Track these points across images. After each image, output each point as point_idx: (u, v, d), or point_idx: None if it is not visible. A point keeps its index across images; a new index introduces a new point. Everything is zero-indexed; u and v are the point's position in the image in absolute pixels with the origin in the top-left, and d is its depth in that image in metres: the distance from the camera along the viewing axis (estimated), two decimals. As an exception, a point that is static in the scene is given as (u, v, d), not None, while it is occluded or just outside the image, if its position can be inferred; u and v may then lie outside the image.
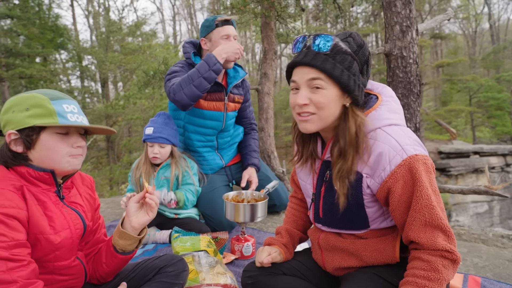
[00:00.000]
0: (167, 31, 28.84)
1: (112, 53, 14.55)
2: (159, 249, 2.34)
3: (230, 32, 2.47)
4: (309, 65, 1.18)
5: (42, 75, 12.34)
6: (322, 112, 1.20)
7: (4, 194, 1.09)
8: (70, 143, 1.22)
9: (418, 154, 1.15)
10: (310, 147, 1.38)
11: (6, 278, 1.03)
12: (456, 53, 26.63)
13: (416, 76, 2.65)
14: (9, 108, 1.19)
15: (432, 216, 1.12)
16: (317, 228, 1.50)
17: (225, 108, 2.65)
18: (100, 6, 18.46)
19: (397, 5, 2.56)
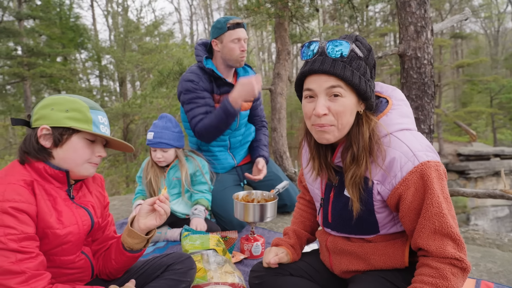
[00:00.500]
0: (184, 31, 29.12)
1: (130, 53, 14.76)
2: (170, 247, 2.38)
3: (241, 35, 2.51)
4: (329, 73, 1.13)
5: (62, 74, 12.64)
6: (341, 122, 1.17)
7: (15, 189, 1.13)
8: (94, 151, 1.31)
9: (430, 161, 1.13)
10: (324, 155, 1.33)
11: (15, 268, 1.07)
12: (477, 53, 26.01)
13: (431, 77, 2.61)
14: (48, 105, 1.25)
15: (442, 224, 1.11)
16: (325, 231, 1.49)
17: None
18: (119, 6, 18.78)
19: (411, 5, 2.53)
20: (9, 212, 1.09)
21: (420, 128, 2.64)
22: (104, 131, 1.32)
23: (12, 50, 12.47)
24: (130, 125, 15.07)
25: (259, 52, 25.09)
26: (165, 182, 2.51)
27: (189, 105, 2.54)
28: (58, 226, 1.22)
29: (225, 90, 2.62)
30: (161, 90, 5.33)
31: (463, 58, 25.64)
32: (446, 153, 18.14)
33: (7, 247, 1.07)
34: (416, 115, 2.65)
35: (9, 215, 1.09)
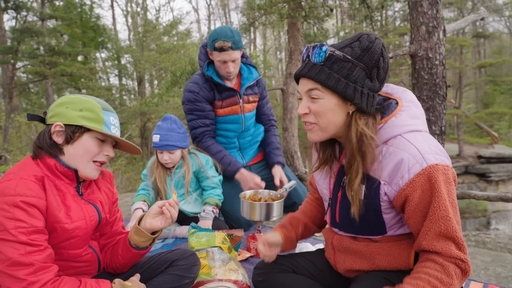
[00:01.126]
0: (202, 30, 29.34)
1: (148, 52, 14.99)
2: (178, 244, 2.42)
3: (226, 58, 2.49)
4: (306, 77, 1.21)
5: (81, 73, 12.94)
6: (321, 121, 1.22)
7: (26, 184, 1.19)
8: (102, 150, 1.36)
9: (438, 164, 1.12)
10: (328, 151, 1.39)
11: (24, 260, 1.12)
12: (501, 52, 25.29)
13: (442, 78, 2.57)
14: (63, 103, 1.32)
15: (448, 228, 1.11)
16: (332, 229, 1.50)
17: (241, 111, 2.71)
18: (138, 6, 19.08)
19: (423, 5, 2.50)
20: (20, 206, 1.14)
21: (431, 129, 2.61)
22: (114, 132, 1.36)
23: (35, 49, 12.85)
24: (147, 124, 15.30)
25: (276, 51, 25.06)
26: (172, 183, 2.55)
27: (189, 115, 2.67)
28: (67, 220, 1.27)
29: (227, 95, 2.65)
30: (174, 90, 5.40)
31: (485, 58, 24.97)
32: (466, 155, 17.74)
33: (17, 239, 1.13)
34: (427, 116, 2.62)
35: (20, 209, 1.14)
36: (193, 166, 2.56)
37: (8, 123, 11.66)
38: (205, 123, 2.67)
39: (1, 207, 1.14)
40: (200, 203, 2.60)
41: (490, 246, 2.43)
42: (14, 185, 1.16)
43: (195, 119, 2.66)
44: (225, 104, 2.67)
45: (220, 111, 2.69)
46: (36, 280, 1.13)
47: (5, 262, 1.12)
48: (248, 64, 2.77)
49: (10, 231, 1.12)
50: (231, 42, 2.43)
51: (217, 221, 2.49)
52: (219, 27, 2.52)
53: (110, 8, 22.12)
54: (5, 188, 1.16)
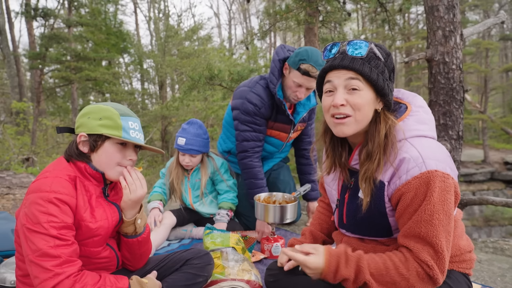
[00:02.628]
0: (222, 35, 29.66)
1: (170, 57, 15.28)
2: (194, 244, 2.49)
3: (304, 83, 2.30)
4: (348, 68, 1.20)
5: (105, 78, 13.32)
6: (358, 114, 1.22)
7: (61, 182, 1.28)
8: (125, 155, 1.43)
9: (438, 170, 1.13)
10: (340, 154, 1.39)
11: (52, 252, 1.21)
12: (529, 55, 24.47)
13: (460, 82, 2.55)
14: (86, 114, 1.41)
15: (428, 232, 1.12)
16: (340, 231, 1.53)
17: (287, 139, 2.68)
18: (160, 12, 19.48)
19: (439, 9, 2.49)
20: (53, 202, 1.24)
21: (448, 134, 2.59)
22: (135, 136, 1.43)
23: (62, 55, 13.31)
24: (168, 127, 15.56)
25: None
26: (189, 184, 2.62)
27: (243, 125, 2.50)
28: (91, 220, 1.36)
29: (282, 120, 2.53)
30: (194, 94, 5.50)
31: (512, 61, 24.20)
32: (492, 161, 17.19)
33: (48, 232, 1.21)
34: (444, 121, 2.60)
35: (53, 205, 1.24)
36: (209, 168, 2.62)
37: (35, 126, 12.10)
38: (259, 138, 2.52)
39: (36, 201, 1.23)
40: (215, 204, 2.66)
41: (509, 253, 2.38)
42: (50, 182, 1.26)
43: (249, 131, 2.50)
44: (275, 127, 2.56)
45: (269, 131, 2.59)
46: (61, 272, 1.21)
47: (35, 253, 1.21)
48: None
49: (43, 224, 1.21)
50: (318, 70, 2.22)
51: (233, 223, 2.55)
52: (311, 49, 2.27)
53: (133, 13, 22.64)
54: (41, 185, 1.26)
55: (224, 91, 4.56)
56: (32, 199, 1.24)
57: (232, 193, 2.62)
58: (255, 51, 15.76)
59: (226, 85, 3.83)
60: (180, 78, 16.31)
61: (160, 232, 2.38)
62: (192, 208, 2.63)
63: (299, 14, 3.49)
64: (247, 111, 2.45)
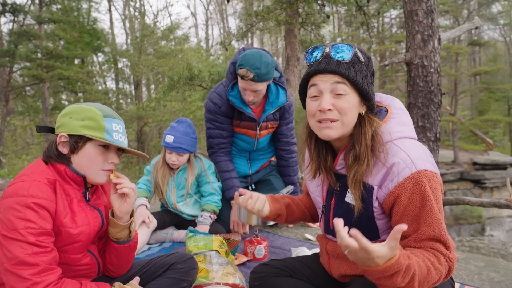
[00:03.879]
0: (199, 35, 29.43)
1: (146, 56, 15.01)
2: (175, 247, 2.44)
3: (246, 87, 2.36)
4: (334, 73, 1.20)
5: (79, 77, 12.94)
6: (345, 118, 1.21)
7: (39, 186, 1.21)
8: (107, 158, 1.36)
9: (427, 170, 1.16)
10: (325, 158, 1.38)
11: (30, 260, 1.14)
12: (496, 60, 25.54)
13: (437, 85, 2.62)
14: (67, 114, 1.34)
15: (440, 231, 1.14)
16: (326, 236, 1.52)
17: (256, 137, 2.69)
18: (136, 11, 19.12)
19: (419, 14, 2.55)
20: (31, 207, 1.17)
21: (426, 136, 2.65)
22: (118, 138, 1.36)
23: (32, 52, 12.84)
24: (144, 128, 15.29)
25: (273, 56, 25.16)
26: (174, 183, 2.57)
27: (208, 123, 2.67)
28: (72, 225, 1.29)
29: (245, 117, 2.58)
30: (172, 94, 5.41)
31: (480, 66, 25.20)
32: (461, 161, 17.82)
33: (26, 239, 1.15)
34: (422, 123, 2.66)
35: (31, 210, 1.17)
36: (196, 169, 2.59)
37: (3, 126, 11.61)
38: (222, 135, 2.65)
39: (13, 206, 1.16)
40: (199, 206, 2.62)
41: (484, 251, 2.46)
42: (27, 186, 1.19)
43: (213, 129, 2.65)
44: (241, 125, 2.64)
45: (236, 128, 2.69)
46: (40, 281, 1.15)
47: (11, 261, 1.14)
48: (279, 85, 2.59)
49: (20, 230, 1.15)
50: (254, 73, 2.26)
51: (215, 225, 2.51)
52: (251, 52, 2.32)
53: (107, 12, 22.13)
54: (18, 189, 1.19)
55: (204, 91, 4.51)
56: (8, 204, 1.17)
57: (216, 196, 2.58)
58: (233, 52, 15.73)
59: (206, 86, 3.79)
60: (157, 78, 16.07)
61: (141, 235, 2.31)
62: (175, 209, 2.58)
63: (279, 15, 3.50)
64: (209, 110, 2.60)
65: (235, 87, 2.53)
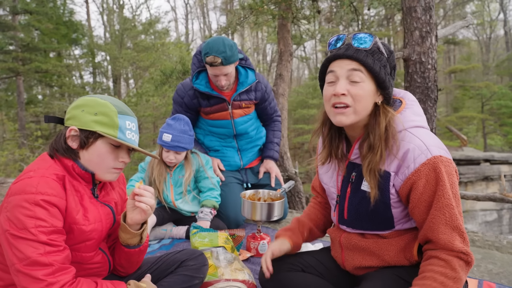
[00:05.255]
0: (179, 29, 29.03)
1: (126, 50, 14.68)
2: (176, 244, 2.39)
3: (217, 72, 2.46)
4: (351, 58, 1.22)
5: (57, 70, 12.50)
6: (358, 105, 1.23)
7: (48, 182, 1.15)
8: (118, 156, 1.30)
9: (442, 156, 1.19)
10: (338, 145, 1.41)
11: (43, 260, 1.09)
12: (469, 59, 26.32)
13: (434, 81, 2.66)
14: (80, 106, 1.26)
15: (452, 216, 1.16)
16: (339, 228, 1.52)
17: (231, 116, 2.70)
18: (115, 3, 18.64)
19: (417, 10, 2.58)
20: (41, 204, 1.11)
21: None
22: (130, 137, 1.30)
23: (6, 44, 12.31)
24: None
25: (254, 52, 25.12)
26: (171, 181, 2.52)
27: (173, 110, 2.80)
28: (84, 222, 1.24)
29: (215, 101, 2.64)
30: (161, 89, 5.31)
31: (455, 64, 25.96)
32: (437, 157, 18.29)
33: (37, 238, 1.09)
34: (419, 119, 2.70)
35: (41, 207, 1.11)
36: (194, 165, 2.54)
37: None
38: None
39: (21, 204, 1.10)
40: (198, 202, 2.58)
41: (479, 244, 2.53)
42: (36, 183, 1.13)
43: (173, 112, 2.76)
44: (213, 109, 2.67)
45: (210, 115, 2.71)
46: (55, 281, 1.10)
47: (23, 261, 1.08)
48: (247, 67, 2.70)
49: (30, 229, 1.09)
50: (221, 57, 2.37)
51: (216, 221, 2.48)
52: (213, 39, 2.42)
53: (84, 3, 21.50)
54: (26, 186, 1.12)
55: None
56: (16, 202, 1.11)
57: (216, 191, 2.54)
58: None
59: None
60: (138, 73, 15.74)
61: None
62: (173, 206, 2.53)
63: (274, 9, 3.48)
64: (174, 100, 2.74)
65: (199, 76, 2.64)
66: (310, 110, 18.05)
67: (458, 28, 2.86)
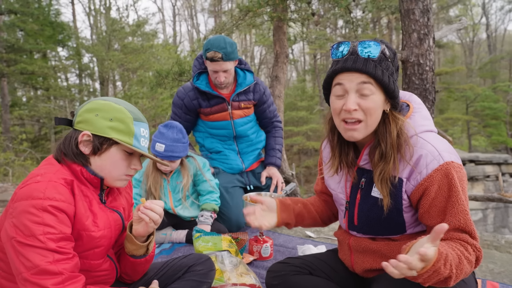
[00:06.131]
0: (167, 31, 28.84)
1: (113, 52, 14.49)
2: (176, 249, 2.35)
3: (217, 68, 2.51)
4: (361, 71, 1.18)
5: (44, 72, 12.25)
6: (369, 119, 1.21)
7: (56, 187, 1.10)
8: (130, 164, 1.27)
9: (454, 161, 1.18)
10: (347, 153, 1.37)
11: (52, 269, 1.04)
12: (454, 62, 26.86)
13: (432, 83, 2.69)
14: (94, 109, 1.22)
15: (466, 221, 1.16)
16: (348, 231, 1.51)
17: (230, 117, 2.70)
18: (102, 5, 18.41)
19: (415, 13, 2.60)
20: (49, 210, 1.06)
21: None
22: (144, 145, 1.28)
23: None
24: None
25: (242, 55, 25.14)
26: (169, 187, 2.47)
27: (172, 114, 2.80)
28: (94, 228, 1.20)
29: (215, 102, 2.66)
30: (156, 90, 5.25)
31: (440, 67, 26.44)
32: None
33: (46, 246, 1.04)
34: (417, 120, 2.72)
35: (49, 213, 1.06)
36: (191, 170, 2.49)
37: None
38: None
39: (28, 210, 1.05)
40: (197, 206, 2.54)
41: (478, 243, 2.55)
42: (43, 188, 1.08)
43: (173, 118, 2.77)
44: (213, 110, 2.68)
45: (210, 116, 2.71)
46: None
47: (31, 270, 1.03)
48: (246, 70, 2.75)
49: (38, 236, 1.04)
50: (222, 53, 2.44)
51: (217, 224, 2.45)
52: (214, 37, 2.50)
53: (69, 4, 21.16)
54: (33, 191, 1.07)
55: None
56: (22, 208, 1.06)
57: (215, 193, 2.50)
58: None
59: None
60: (127, 74, 15.55)
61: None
62: (173, 213, 2.48)
63: (271, 11, 3.47)
64: (174, 103, 2.76)
65: (200, 76, 2.69)
66: (299, 112, 18.15)
67: (454, 31, 2.90)
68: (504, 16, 30.39)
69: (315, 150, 18.41)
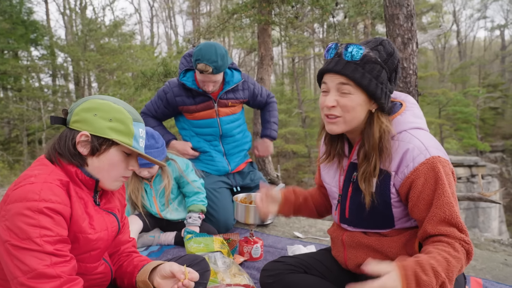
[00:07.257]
0: (144, 32, 28.43)
1: (89, 53, 14.15)
2: (165, 251, 2.32)
3: (205, 79, 2.50)
4: (340, 73, 1.25)
5: (17, 72, 11.82)
6: (347, 115, 1.27)
7: (52, 188, 1.07)
8: (128, 165, 1.25)
9: (440, 157, 1.23)
10: (338, 147, 1.45)
11: (50, 272, 1.01)
12: (427, 67, 27.72)
13: (415, 86, 2.77)
14: (91, 109, 1.17)
15: (451, 213, 1.19)
16: (340, 227, 1.54)
17: (216, 114, 2.70)
18: (77, 4, 17.97)
19: (399, 18, 2.67)
20: (44, 212, 1.03)
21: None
22: (142, 145, 1.27)
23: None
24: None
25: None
26: (153, 191, 2.42)
27: (153, 99, 2.79)
28: (90, 231, 1.17)
29: (201, 99, 2.65)
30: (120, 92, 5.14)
31: (414, 72, 27.17)
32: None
33: (43, 249, 1.01)
34: (401, 122, 2.79)
35: (45, 216, 1.03)
36: (173, 172, 2.45)
37: None
38: (153, 114, 2.77)
39: (23, 213, 1.01)
40: (183, 207, 2.50)
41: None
42: (39, 189, 1.04)
43: (152, 104, 2.76)
44: (199, 108, 2.67)
45: (195, 114, 2.69)
46: None
47: (27, 274, 1.00)
48: (233, 69, 2.73)
49: (35, 239, 1.01)
50: (213, 67, 2.40)
51: (206, 226, 2.43)
52: (206, 46, 2.42)
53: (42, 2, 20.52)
54: (28, 192, 1.03)
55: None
56: (17, 210, 1.02)
57: (201, 194, 2.47)
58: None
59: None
60: (103, 75, 15.20)
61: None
62: (160, 217, 2.44)
63: (257, 14, 3.48)
64: (158, 93, 2.75)
65: (187, 73, 2.65)
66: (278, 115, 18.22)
67: (435, 36, 3.00)
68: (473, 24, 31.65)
69: (293, 153, 18.56)
